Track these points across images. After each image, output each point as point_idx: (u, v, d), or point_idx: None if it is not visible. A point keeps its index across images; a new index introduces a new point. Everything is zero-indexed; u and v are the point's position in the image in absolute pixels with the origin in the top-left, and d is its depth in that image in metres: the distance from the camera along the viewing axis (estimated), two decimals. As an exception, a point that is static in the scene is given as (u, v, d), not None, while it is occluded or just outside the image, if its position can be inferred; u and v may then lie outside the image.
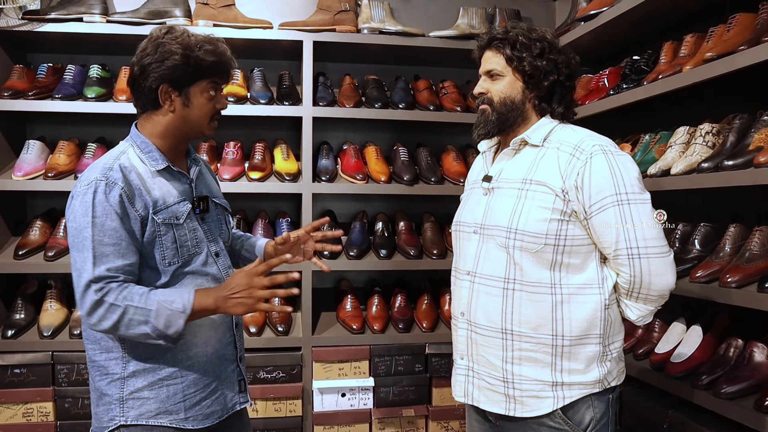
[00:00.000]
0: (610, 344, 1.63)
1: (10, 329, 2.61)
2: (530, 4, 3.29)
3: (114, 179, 1.54)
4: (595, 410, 1.61)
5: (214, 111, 1.67)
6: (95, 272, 1.49)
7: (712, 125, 2.11)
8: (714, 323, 2.11)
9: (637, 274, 1.56)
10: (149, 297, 1.51)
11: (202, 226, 1.70)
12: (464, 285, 1.72)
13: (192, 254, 1.65)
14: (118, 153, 1.62)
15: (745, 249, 1.92)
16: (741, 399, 1.82)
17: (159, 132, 1.65)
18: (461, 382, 1.74)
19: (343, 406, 2.81)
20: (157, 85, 1.58)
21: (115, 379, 1.59)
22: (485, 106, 1.71)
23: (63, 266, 2.65)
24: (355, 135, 3.21)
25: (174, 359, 1.61)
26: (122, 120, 2.86)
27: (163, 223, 1.59)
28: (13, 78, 2.74)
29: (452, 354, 1.82)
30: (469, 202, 1.80)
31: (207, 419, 1.65)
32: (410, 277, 3.19)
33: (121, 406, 1.59)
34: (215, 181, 1.90)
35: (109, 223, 1.51)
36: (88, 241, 1.50)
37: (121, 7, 2.89)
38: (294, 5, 3.07)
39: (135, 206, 1.55)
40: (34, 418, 2.59)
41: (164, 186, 1.63)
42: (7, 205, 2.82)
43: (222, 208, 1.83)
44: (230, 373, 1.72)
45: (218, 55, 1.62)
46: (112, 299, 1.48)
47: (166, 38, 1.58)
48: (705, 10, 2.29)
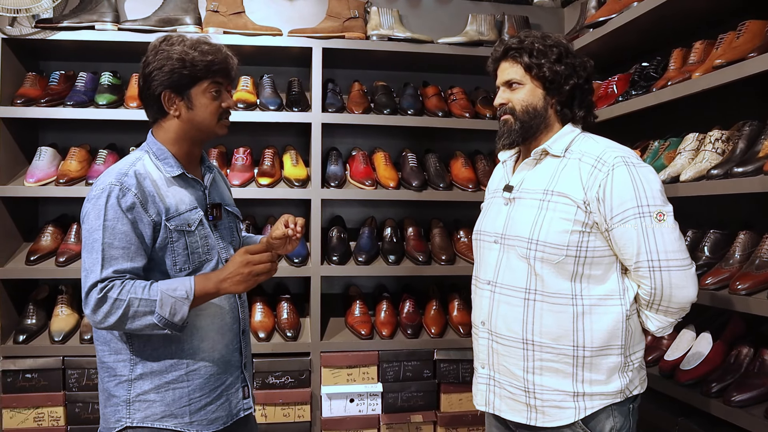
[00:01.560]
0: (631, 354, 1.63)
1: (21, 334, 2.63)
2: (539, 11, 3.29)
3: (128, 185, 1.56)
4: (615, 420, 1.61)
5: (221, 110, 1.68)
6: (102, 273, 1.51)
7: (721, 132, 2.11)
8: (724, 330, 2.10)
9: (658, 287, 1.55)
10: (152, 288, 1.53)
11: (214, 233, 1.71)
12: (485, 294, 1.72)
13: (203, 261, 1.66)
14: (134, 159, 1.64)
15: (756, 256, 1.92)
16: (751, 407, 1.81)
17: (171, 138, 1.68)
18: (483, 391, 1.74)
19: (352, 411, 2.81)
20: (160, 92, 1.62)
21: (123, 381, 1.61)
22: (507, 116, 1.70)
23: (74, 272, 2.66)
24: (363, 141, 3.22)
25: (181, 364, 1.63)
26: (133, 127, 2.89)
27: (176, 230, 1.61)
28: (26, 85, 2.77)
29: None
30: (490, 211, 1.80)
31: (212, 424, 1.67)
32: (419, 282, 3.20)
33: (128, 407, 1.61)
34: (228, 188, 1.92)
35: (120, 227, 1.54)
36: (98, 243, 1.53)
37: (132, 15, 2.92)
38: (303, 12, 3.09)
39: (148, 212, 1.57)
40: (45, 422, 2.60)
41: (178, 193, 1.65)
42: (19, 211, 2.84)
43: (233, 216, 1.85)
44: (235, 380, 1.74)
45: (213, 53, 1.63)
46: (115, 294, 1.51)
47: (162, 45, 1.63)
48: (714, 17, 2.29)
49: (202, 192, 1.72)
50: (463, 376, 2.84)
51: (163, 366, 1.62)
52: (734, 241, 2.03)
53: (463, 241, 3.03)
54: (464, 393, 2.85)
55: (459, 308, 2.98)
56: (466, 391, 2.84)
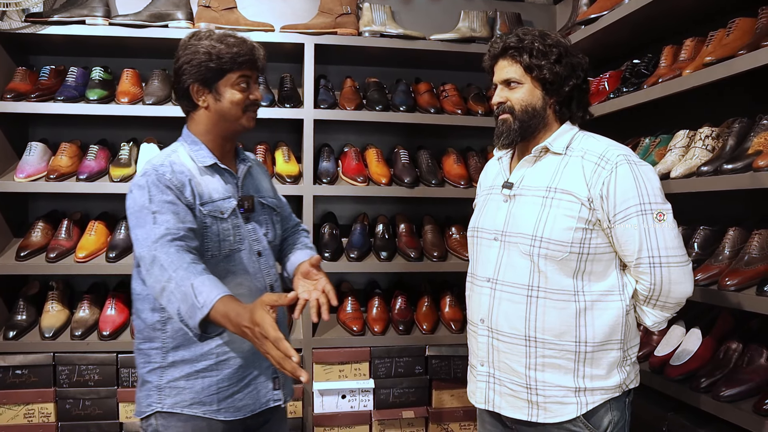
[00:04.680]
0: (628, 349, 1.66)
1: (11, 330, 2.61)
2: (531, 8, 3.30)
3: (163, 172, 1.62)
4: (613, 413, 1.63)
5: (247, 102, 1.71)
6: (155, 233, 1.52)
7: (711, 129, 2.12)
8: (713, 326, 2.11)
9: (658, 282, 1.57)
10: (190, 276, 1.46)
11: (246, 224, 1.74)
12: (484, 292, 1.71)
13: (233, 250, 1.69)
14: (169, 152, 1.71)
15: (745, 252, 1.93)
16: (740, 402, 1.82)
17: (202, 130, 1.73)
18: (482, 389, 1.73)
19: (344, 407, 2.81)
20: (189, 85, 1.67)
21: (155, 368, 1.67)
22: (506, 116, 1.69)
23: (64, 268, 2.66)
24: (356, 137, 3.22)
25: (211, 354, 1.66)
26: (124, 122, 2.89)
27: (209, 215, 1.65)
28: (15, 80, 2.75)
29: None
30: (488, 208, 1.78)
31: (239, 412, 1.70)
32: (410, 279, 3.20)
33: (159, 393, 1.66)
34: (268, 181, 1.94)
35: (165, 197, 1.58)
36: (149, 214, 1.56)
37: (123, 9, 2.90)
38: (295, 8, 3.08)
39: (184, 195, 1.61)
40: (35, 419, 2.59)
41: (211, 182, 1.70)
42: (9, 207, 2.83)
43: (270, 208, 1.86)
44: (265, 370, 1.76)
45: (239, 45, 1.68)
46: (163, 259, 1.49)
47: (191, 41, 1.69)
48: (705, 15, 2.30)
49: (234, 183, 1.76)
50: (454, 372, 2.85)
51: (194, 355, 1.66)
52: (724, 238, 2.04)
53: (455, 238, 3.03)
54: (456, 389, 2.86)
55: (451, 304, 2.98)
56: (457, 387, 2.86)
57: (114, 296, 2.76)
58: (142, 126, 2.96)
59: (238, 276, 1.70)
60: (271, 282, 1.79)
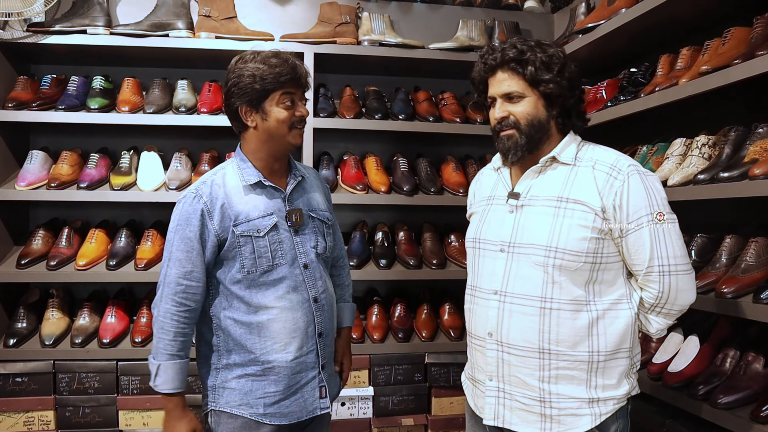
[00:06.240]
0: (634, 356, 1.66)
1: (12, 338, 2.62)
2: (529, 17, 3.32)
3: (201, 192, 1.76)
4: (619, 422, 1.64)
5: (293, 119, 1.77)
6: (168, 275, 1.74)
7: (708, 137, 2.14)
8: (711, 334, 2.12)
9: (665, 290, 1.58)
10: (165, 351, 1.73)
11: (294, 238, 1.82)
12: (491, 305, 1.67)
13: (274, 264, 1.76)
14: (218, 169, 1.84)
15: (741, 260, 1.94)
16: (737, 409, 1.83)
17: (252, 149, 1.82)
18: (491, 405, 1.68)
19: (343, 415, 2.81)
20: (237, 107, 1.76)
21: (212, 369, 1.81)
22: (511, 131, 1.65)
23: (65, 275, 2.67)
24: (355, 146, 3.23)
25: (257, 361, 1.77)
26: (125, 131, 2.90)
27: (242, 235, 1.75)
28: (17, 89, 2.77)
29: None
30: (490, 219, 1.75)
31: (284, 418, 1.79)
32: (410, 286, 3.21)
33: (213, 392, 1.80)
34: (322, 194, 1.97)
35: (188, 232, 1.73)
36: (169, 247, 1.76)
37: (124, 19, 2.92)
38: (295, 18, 3.10)
39: (213, 219, 1.74)
40: (35, 426, 2.59)
41: (252, 200, 1.79)
42: (10, 215, 2.84)
43: (319, 221, 1.90)
44: (311, 380, 1.84)
45: (281, 65, 1.73)
46: (161, 312, 1.74)
47: (237, 64, 1.76)
48: (701, 24, 2.32)
49: (281, 199, 1.82)
50: (454, 380, 2.85)
51: (244, 360, 1.78)
52: (720, 245, 2.05)
53: (454, 245, 3.04)
54: (455, 396, 2.86)
55: (450, 312, 2.99)
56: (456, 394, 2.86)
57: (114, 304, 2.77)
58: (142, 134, 2.98)
59: (279, 290, 1.77)
60: (316, 294, 1.84)
